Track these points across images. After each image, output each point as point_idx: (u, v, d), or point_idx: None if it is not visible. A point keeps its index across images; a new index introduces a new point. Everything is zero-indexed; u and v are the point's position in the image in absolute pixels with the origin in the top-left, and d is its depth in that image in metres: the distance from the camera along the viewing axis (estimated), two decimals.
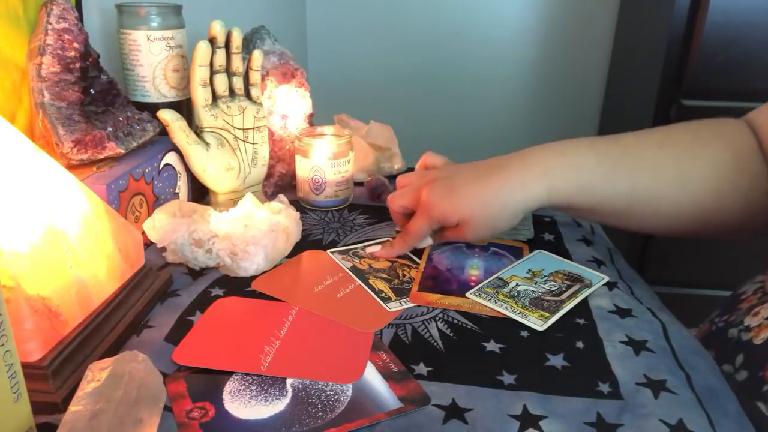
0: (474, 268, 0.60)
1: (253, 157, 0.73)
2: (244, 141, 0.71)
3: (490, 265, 0.61)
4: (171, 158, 0.68)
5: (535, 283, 0.56)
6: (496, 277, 0.58)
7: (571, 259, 0.62)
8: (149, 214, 0.62)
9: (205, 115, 0.68)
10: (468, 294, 0.55)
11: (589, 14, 1.62)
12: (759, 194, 0.56)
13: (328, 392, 0.42)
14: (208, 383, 0.43)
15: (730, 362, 0.57)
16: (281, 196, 0.66)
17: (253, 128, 0.72)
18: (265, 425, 0.39)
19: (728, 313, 0.62)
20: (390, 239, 0.66)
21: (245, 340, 0.48)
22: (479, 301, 0.54)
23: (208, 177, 0.69)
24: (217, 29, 0.66)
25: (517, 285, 0.56)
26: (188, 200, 0.74)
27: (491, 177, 0.56)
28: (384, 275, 0.59)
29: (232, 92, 0.71)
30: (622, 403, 0.42)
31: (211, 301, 0.54)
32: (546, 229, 0.71)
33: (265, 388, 0.43)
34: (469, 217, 0.56)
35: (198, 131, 0.69)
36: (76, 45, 0.59)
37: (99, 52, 0.63)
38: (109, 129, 0.60)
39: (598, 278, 0.58)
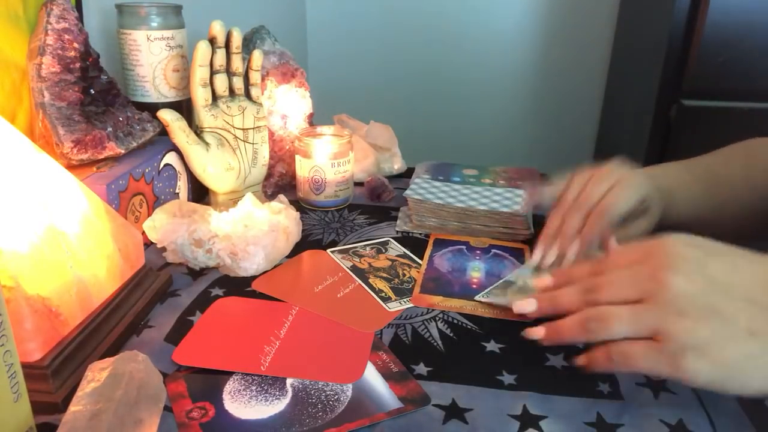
0: (475, 271, 0.60)
1: (253, 157, 0.73)
2: (244, 141, 0.71)
3: (492, 267, 0.61)
4: (171, 158, 0.68)
5: None
6: (504, 281, 0.58)
7: None
8: (149, 214, 0.62)
9: (205, 115, 0.68)
10: (477, 297, 0.55)
11: (589, 14, 1.62)
12: None
13: (328, 392, 0.42)
14: (208, 383, 0.43)
15: None
16: (281, 196, 0.66)
17: (253, 128, 0.72)
18: (265, 425, 0.39)
19: None
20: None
21: (245, 340, 0.48)
22: (491, 301, 0.54)
23: (208, 177, 0.69)
24: (217, 29, 0.66)
25: (525, 283, 0.56)
26: (188, 200, 0.74)
27: None
28: (384, 274, 0.59)
29: (232, 92, 0.71)
30: (622, 403, 0.42)
31: (211, 301, 0.54)
32: None
33: (265, 388, 0.43)
34: None
35: (198, 131, 0.69)
36: (76, 45, 0.59)
37: (99, 52, 0.63)
38: (109, 129, 0.60)
39: None
